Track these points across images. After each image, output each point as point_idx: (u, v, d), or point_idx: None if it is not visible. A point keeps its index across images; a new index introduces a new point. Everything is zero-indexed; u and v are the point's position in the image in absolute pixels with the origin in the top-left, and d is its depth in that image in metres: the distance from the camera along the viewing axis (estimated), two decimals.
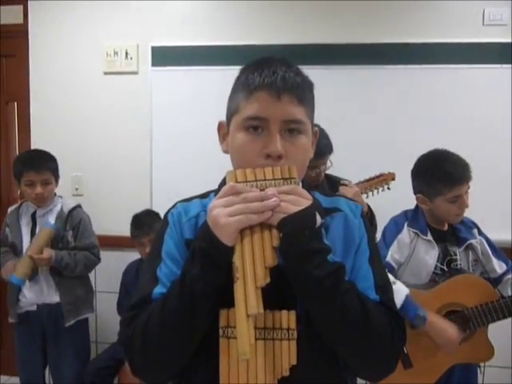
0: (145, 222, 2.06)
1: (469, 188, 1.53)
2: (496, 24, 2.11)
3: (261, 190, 0.67)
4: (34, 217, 1.99)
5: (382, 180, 1.97)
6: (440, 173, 1.51)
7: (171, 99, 2.33)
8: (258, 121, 0.71)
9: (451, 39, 2.13)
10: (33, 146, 2.46)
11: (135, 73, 2.36)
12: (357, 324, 0.68)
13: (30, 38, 2.45)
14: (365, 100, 2.20)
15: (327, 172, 2.00)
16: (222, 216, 0.64)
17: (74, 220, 2.00)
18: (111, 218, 2.31)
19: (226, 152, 0.79)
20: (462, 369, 1.59)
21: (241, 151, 0.73)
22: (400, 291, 1.41)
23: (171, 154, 2.34)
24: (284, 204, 0.65)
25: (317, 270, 0.64)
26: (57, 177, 2.00)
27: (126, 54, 2.36)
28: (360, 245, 0.77)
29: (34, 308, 1.97)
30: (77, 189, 2.38)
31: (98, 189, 2.40)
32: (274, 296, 0.67)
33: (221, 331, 0.70)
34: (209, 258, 0.66)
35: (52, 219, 1.97)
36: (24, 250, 1.93)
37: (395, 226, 1.61)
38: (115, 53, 2.36)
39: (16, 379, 2.49)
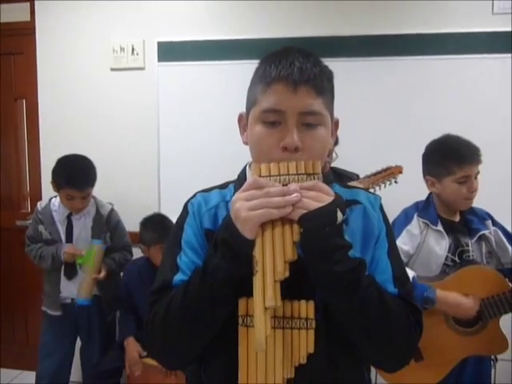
0: (168, 226, 2.00)
1: (478, 173, 1.53)
2: (505, 13, 2.08)
3: (283, 185, 0.67)
4: (69, 218, 2.02)
5: (390, 173, 1.96)
6: (451, 151, 1.53)
7: (177, 94, 2.33)
8: (274, 113, 0.71)
9: (460, 29, 2.10)
10: (41, 143, 2.49)
11: (142, 68, 2.36)
12: (376, 318, 0.69)
13: (37, 35, 2.46)
14: (371, 92, 2.19)
15: (335, 165, 2.00)
16: (244, 209, 0.65)
17: (112, 222, 2.07)
18: (120, 213, 2.32)
19: (246, 143, 0.80)
20: (475, 362, 1.58)
21: (258, 144, 0.73)
22: None
23: (178, 149, 2.34)
24: (305, 200, 0.65)
25: (337, 266, 0.65)
26: (94, 184, 2.01)
27: (133, 49, 2.36)
28: (379, 237, 0.77)
29: (69, 301, 2.03)
30: None
31: (106, 184, 2.40)
32: (292, 286, 0.67)
33: (240, 319, 0.71)
34: (230, 249, 0.67)
35: (89, 221, 2.02)
36: (64, 247, 1.98)
37: (405, 216, 1.61)
38: (122, 49, 2.37)
39: (29, 374, 2.54)
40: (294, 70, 0.70)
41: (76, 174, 1.92)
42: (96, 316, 2.08)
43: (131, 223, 2.22)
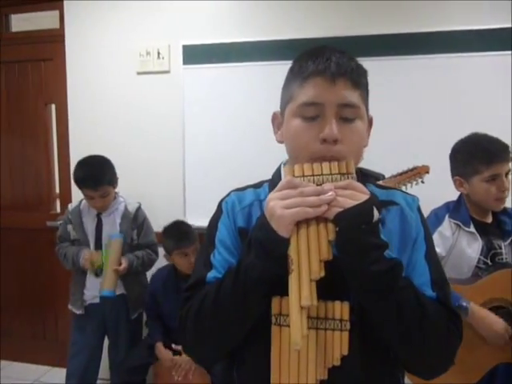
0: (188, 231, 2.06)
1: (510, 171, 1.48)
2: None
3: (317, 185, 0.67)
4: (99, 216, 2.09)
5: (416, 173, 1.93)
6: (477, 150, 1.49)
7: (203, 96, 2.35)
8: (313, 106, 0.71)
9: (476, 26, 2.05)
10: (71, 145, 2.56)
11: (167, 72, 2.39)
12: (413, 321, 0.67)
13: (66, 41, 2.53)
14: (398, 92, 2.15)
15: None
16: (279, 208, 0.65)
17: (138, 219, 2.13)
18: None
19: (280, 142, 0.80)
20: (506, 369, 1.52)
21: (296, 137, 0.73)
22: None
23: (204, 152, 2.36)
24: (341, 198, 0.65)
25: (373, 266, 0.64)
26: (114, 183, 2.08)
27: (158, 53, 2.40)
28: (416, 240, 0.75)
29: (97, 301, 2.07)
30: None
31: (132, 187, 2.44)
32: (327, 286, 0.66)
33: (273, 319, 0.71)
34: (264, 248, 0.66)
35: (118, 218, 2.09)
36: (91, 246, 2.06)
37: (436, 218, 1.56)
38: (147, 53, 2.41)
39: (58, 370, 2.61)
40: (331, 64, 0.70)
41: (89, 174, 1.99)
42: (123, 315, 2.12)
43: (156, 225, 2.25)
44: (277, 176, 0.82)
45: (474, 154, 1.50)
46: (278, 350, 0.70)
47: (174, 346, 1.99)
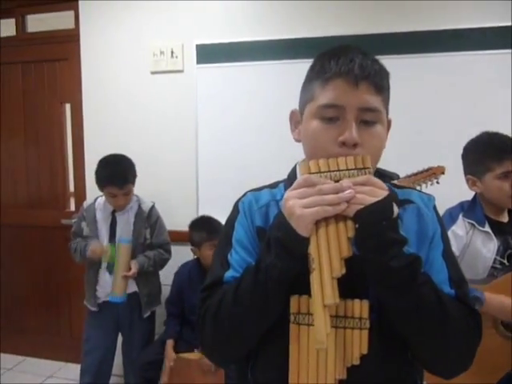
0: (217, 224, 2.07)
1: None
2: None
3: (335, 181, 0.66)
4: (113, 214, 2.12)
5: (431, 174, 1.92)
6: (488, 148, 1.49)
7: (216, 95, 2.35)
8: (334, 109, 0.70)
9: (484, 24, 2.02)
10: (85, 144, 2.59)
11: (181, 71, 2.40)
12: (433, 317, 0.66)
13: (81, 41, 2.55)
14: (407, 91, 2.11)
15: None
16: (298, 207, 0.64)
17: (152, 219, 2.15)
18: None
19: (297, 140, 0.79)
20: None
21: (315, 139, 0.72)
22: None
23: (217, 150, 2.37)
24: (360, 195, 0.64)
25: (393, 261, 0.63)
26: (135, 181, 2.11)
27: (172, 53, 2.41)
28: (433, 238, 0.75)
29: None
30: None
31: (146, 185, 2.46)
32: (345, 284, 0.66)
33: (292, 317, 0.71)
34: (284, 247, 0.66)
35: (132, 217, 2.11)
36: (104, 244, 2.08)
37: (450, 217, 1.55)
38: (161, 52, 2.42)
39: (72, 366, 2.64)
40: (354, 65, 0.69)
41: (115, 172, 2.02)
42: (136, 313, 2.14)
43: (169, 224, 2.27)
44: (293, 176, 0.81)
45: (485, 152, 1.49)
46: (297, 349, 0.70)
47: (196, 351, 2.02)
